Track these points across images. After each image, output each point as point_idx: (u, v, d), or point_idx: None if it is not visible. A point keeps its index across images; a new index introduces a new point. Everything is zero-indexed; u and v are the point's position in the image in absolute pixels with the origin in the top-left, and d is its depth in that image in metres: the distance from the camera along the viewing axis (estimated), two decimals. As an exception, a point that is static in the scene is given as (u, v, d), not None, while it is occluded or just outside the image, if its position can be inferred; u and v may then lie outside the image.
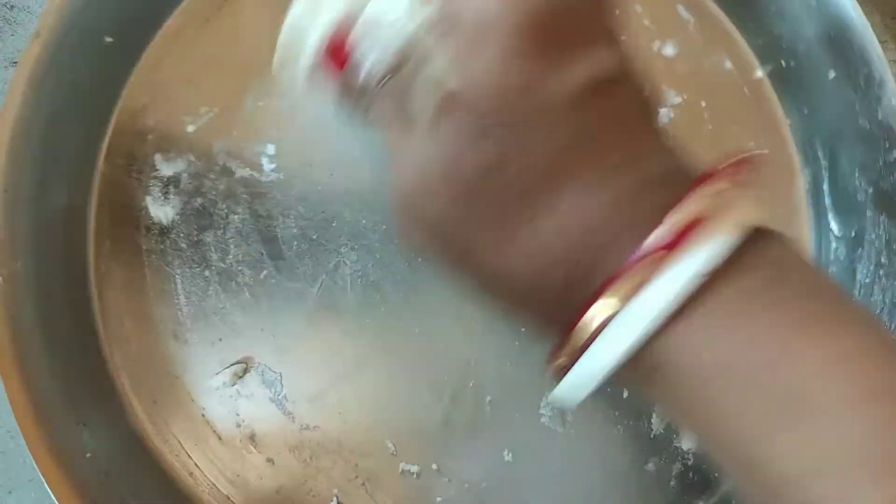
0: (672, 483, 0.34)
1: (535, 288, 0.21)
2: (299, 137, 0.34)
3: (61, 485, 0.30)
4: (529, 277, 0.21)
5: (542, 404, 0.33)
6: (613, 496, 0.33)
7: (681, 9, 0.35)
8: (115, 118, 0.34)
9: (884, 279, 0.32)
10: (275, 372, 0.34)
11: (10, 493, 0.38)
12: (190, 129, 0.34)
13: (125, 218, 0.34)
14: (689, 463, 0.34)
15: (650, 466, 0.34)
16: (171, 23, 0.35)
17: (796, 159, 0.35)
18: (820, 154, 0.34)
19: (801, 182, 0.35)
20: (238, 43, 0.35)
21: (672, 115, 0.35)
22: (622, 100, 0.21)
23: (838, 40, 0.32)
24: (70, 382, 0.32)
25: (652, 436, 0.34)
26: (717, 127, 0.35)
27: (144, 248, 0.34)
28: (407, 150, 0.21)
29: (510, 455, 0.33)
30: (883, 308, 0.32)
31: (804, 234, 0.35)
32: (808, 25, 0.33)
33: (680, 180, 0.20)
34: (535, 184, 0.20)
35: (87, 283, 0.34)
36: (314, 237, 0.34)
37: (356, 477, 0.33)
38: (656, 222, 0.19)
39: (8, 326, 0.30)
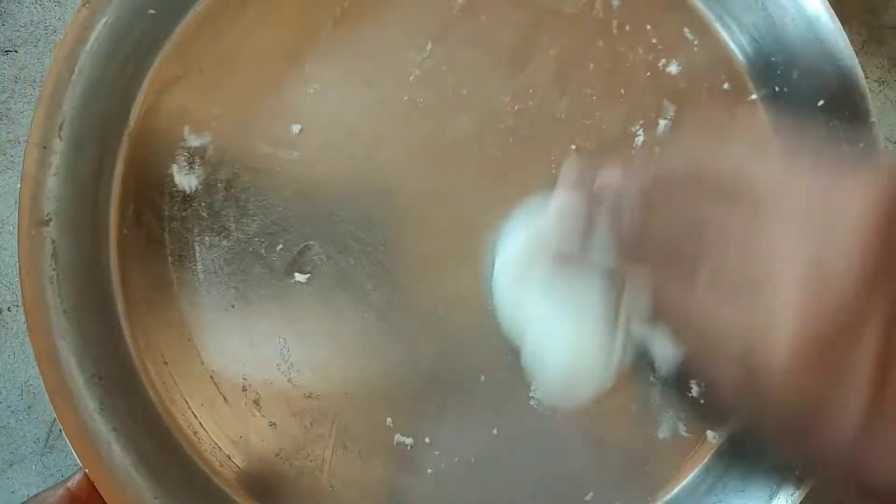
0: (657, 457, 0.36)
1: None
2: (324, 121, 0.36)
3: (76, 430, 0.31)
4: None
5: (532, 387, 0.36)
6: (598, 472, 0.36)
7: (686, 31, 0.38)
8: (148, 87, 0.36)
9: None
10: (283, 341, 0.35)
11: (11, 465, 0.39)
12: (218, 104, 0.36)
13: (150, 184, 0.35)
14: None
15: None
16: (209, 1, 0.36)
17: (782, 178, 0.37)
18: (804, 175, 0.36)
19: (785, 200, 0.37)
20: (270, 28, 0.36)
21: (670, 126, 0.37)
22: None
23: (828, 72, 0.35)
24: (87, 338, 0.33)
25: (637, 415, 0.36)
26: (713, 143, 0.37)
27: (167, 213, 0.35)
28: None
29: (496, 431, 0.35)
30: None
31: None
32: (804, 55, 0.35)
33: None
34: None
35: (109, 246, 0.35)
36: (330, 215, 0.36)
37: (353, 446, 0.35)
38: None
39: (35, 281, 0.32)
